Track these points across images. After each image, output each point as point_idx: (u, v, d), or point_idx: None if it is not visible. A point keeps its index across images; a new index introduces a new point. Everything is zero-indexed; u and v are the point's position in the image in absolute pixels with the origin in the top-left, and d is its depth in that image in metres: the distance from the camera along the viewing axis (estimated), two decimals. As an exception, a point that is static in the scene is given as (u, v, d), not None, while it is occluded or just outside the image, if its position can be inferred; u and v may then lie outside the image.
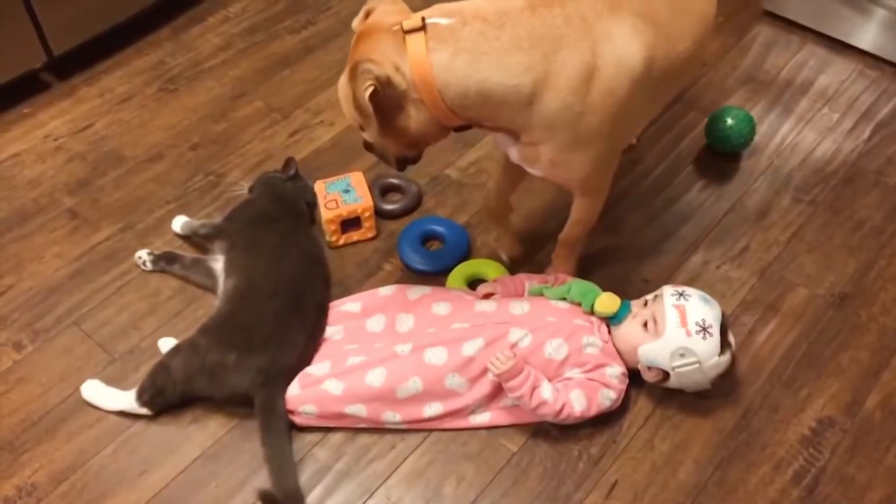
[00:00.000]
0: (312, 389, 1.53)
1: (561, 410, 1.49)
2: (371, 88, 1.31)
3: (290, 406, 1.54)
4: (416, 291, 1.69)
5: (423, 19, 1.33)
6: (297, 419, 1.54)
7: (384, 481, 1.50)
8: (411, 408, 1.53)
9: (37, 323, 1.74)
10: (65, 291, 1.79)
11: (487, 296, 1.67)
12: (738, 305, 1.77)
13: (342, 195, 1.84)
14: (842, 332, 1.74)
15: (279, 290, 1.60)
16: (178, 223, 1.88)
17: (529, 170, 1.52)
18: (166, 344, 1.64)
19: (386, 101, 1.35)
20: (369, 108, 1.32)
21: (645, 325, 1.54)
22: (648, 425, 1.58)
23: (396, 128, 1.40)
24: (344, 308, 1.69)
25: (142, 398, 1.54)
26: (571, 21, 1.34)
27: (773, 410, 1.61)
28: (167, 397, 1.55)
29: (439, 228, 1.87)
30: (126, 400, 1.56)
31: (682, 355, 1.50)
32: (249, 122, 2.19)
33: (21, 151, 2.11)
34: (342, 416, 1.54)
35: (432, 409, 1.54)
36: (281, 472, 1.45)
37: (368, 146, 1.54)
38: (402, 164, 1.56)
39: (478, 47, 1.31)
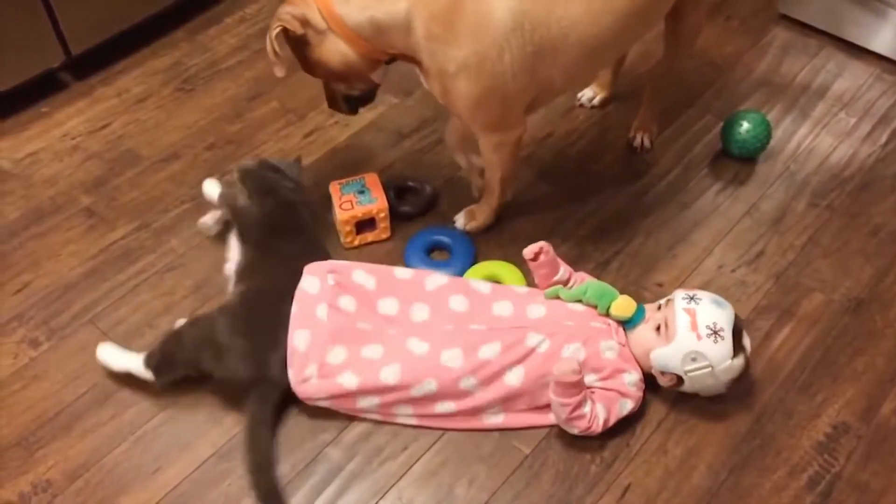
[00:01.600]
0: (328, 381, 1.52)
1: (590, 425, 1.49)
2: (278, 29, 1.53)
3: (304, 393, 1.54)
4: (433, 281, 1.68)
5: None
6: (308, 401, 1.55)
7: (396, 482, 1.50)
8: (424, 405, 1.54)
9: (53, 320, 1.75)
10: (81, 289, 1.81)
11: (536, 256, 1.64)
12: (753, 310, 1.76)
13: (357, 196, 1.85)
14: (857, 337, 1.73)
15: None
16: (212, 186, 1.87)
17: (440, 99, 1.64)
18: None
19: (311, 41, 1.55)
20: (275, 46, 1.53)
21: (657, 329, 1.53)
22: (662, 429, 1.57)
23: (326, 65, 1.59)
24: (356, 278, 1.66)
25: (149, 362, 1.56)
26: None
27: (787, 415, 1.60)
28: (174, 366, 1.56)
29: (445, 239, 1.86)
30: (134, 361, 1.58)
31: (694, 359, 1.49)
32: (265, 122, 2.20)
33: (39, 150, 2.13)
34: (354, 408, 1.54)
35: (445, 406, 1.54)
36: (260, 473, 1.46)
37: (331, 102, 1.72)
38: (353, 105, 1.71)
39: None
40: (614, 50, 1.66)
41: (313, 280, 1.62)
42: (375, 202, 1.84)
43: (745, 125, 2.01)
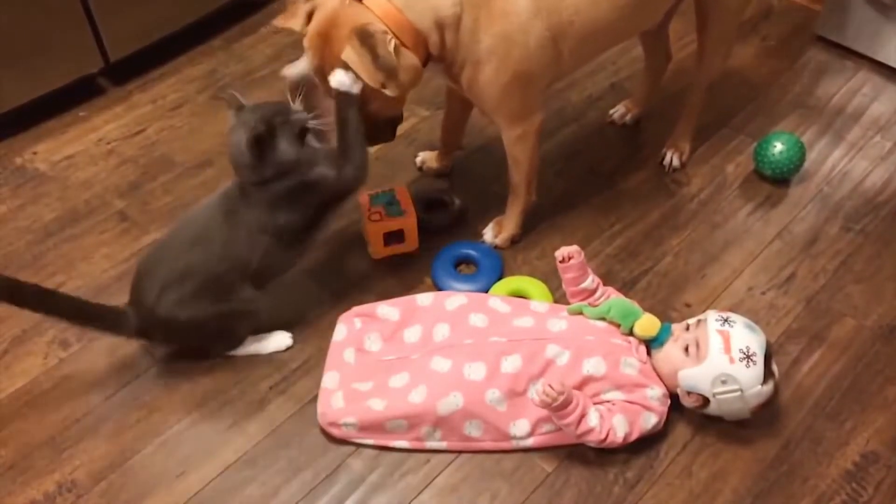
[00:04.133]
0: (356, 405, 1.55)
1: (605, 437, 1.47)
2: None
3: (331, 419, 1.55)
4: (453, 301, 1.69)
5: None
6: (336, 431, 1.55)
7: (417, 495, 1.50)
8: (452, 426, 1.53)
9: (84, 322, 1.78)
10: (112, 292, 1.83)
11: (566, 259, 1.65)
12: (782, 333, 1.74)
13: (386, 208, 1.86)
14: (889, 365, 1.70)
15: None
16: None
17: (468, 96, 1.69)
18: None
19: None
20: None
21: (686, 349, 1.52)
22: (687, 451, 1.55)
23: (402, 83, 1.52)
24: (381, 313, 1.70)
25: None
26: None
27: (815, 442, 1.57)
28: None
29: (473, 252, 1.86)
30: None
31: (724, 382, 1.47)
32: (297, 132, 2.22)
33: (75, 153, 2.17)
34: (382, 429, 1.54)
35: (473, 427, 1.53)
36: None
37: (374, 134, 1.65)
38: (395, 127, 1.71)
39: None
40: (613, 34, 1.75)
41: (342, 328, 1.70)
42: (404, 214, 1.85)
43: (779, 146, 1.99)
